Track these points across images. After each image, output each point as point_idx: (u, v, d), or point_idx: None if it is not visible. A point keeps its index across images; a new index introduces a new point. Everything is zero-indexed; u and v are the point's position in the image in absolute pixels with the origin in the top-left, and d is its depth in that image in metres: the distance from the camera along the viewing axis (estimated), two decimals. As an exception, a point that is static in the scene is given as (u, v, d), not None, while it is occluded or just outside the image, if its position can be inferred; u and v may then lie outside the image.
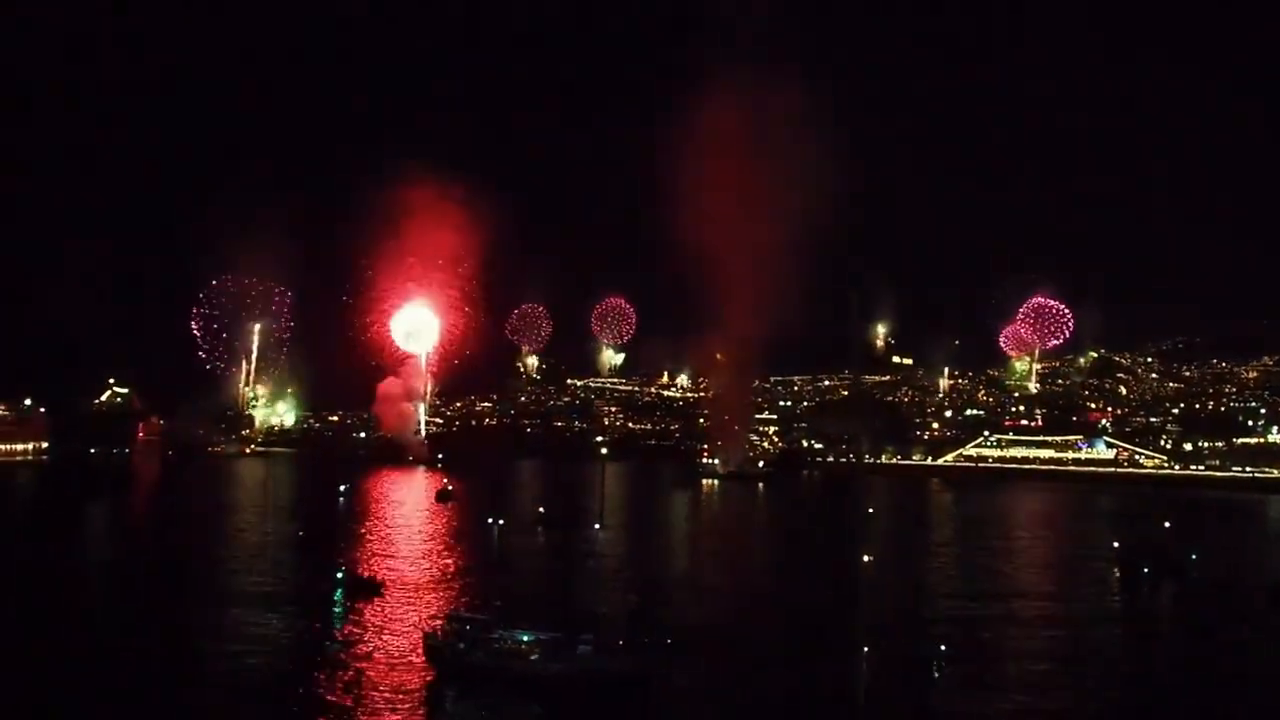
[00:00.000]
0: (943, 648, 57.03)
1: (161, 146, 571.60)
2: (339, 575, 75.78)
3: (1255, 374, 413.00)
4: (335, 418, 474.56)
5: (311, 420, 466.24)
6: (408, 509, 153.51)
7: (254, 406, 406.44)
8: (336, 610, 67.73)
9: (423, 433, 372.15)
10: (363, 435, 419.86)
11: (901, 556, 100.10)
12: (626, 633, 55.89)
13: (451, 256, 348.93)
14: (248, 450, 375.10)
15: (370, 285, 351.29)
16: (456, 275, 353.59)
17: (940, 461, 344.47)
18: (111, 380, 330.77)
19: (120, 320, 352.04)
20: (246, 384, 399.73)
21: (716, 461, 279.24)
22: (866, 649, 53.09)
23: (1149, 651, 63.75)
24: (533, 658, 50.38)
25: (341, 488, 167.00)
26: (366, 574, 76.44)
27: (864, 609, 68.81)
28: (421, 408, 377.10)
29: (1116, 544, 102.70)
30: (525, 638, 51.64)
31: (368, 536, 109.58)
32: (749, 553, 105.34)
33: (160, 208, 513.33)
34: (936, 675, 53.61)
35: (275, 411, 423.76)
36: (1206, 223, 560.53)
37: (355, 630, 61.53)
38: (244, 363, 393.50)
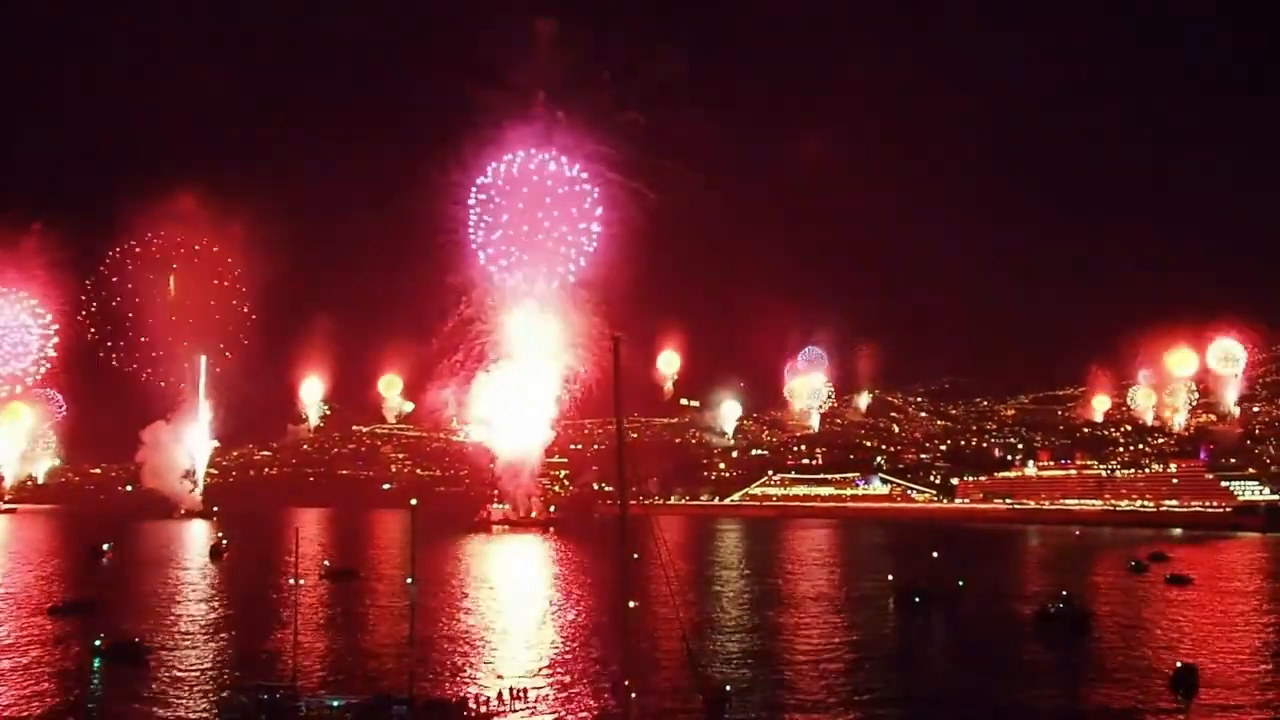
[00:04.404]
0: (728, 688, 57.74)
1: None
2: (97, 643, 69.70)
3: (1013, 411, 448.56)
4: (97, 470, 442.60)
5: (70, 473, 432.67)
6: (177, 567, 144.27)
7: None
8: (95, 683, 62.55)
9: (197, 483, 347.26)
10: (128, 487, 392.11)
11: (681, 596, 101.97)
12: (441, 695, 53.93)
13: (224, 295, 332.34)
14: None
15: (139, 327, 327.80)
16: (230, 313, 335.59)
17: (727, 501, 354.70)
18: None
19: None
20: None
21: (506, 507, 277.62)
22: (635, 694, 53.05)
23: (924, 674, 67.28)
24: None
25: (104, 546, 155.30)
26: (130, 640, 70.92)
27: (635, 652, 69.39)
28: (195, 455, 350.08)
29: (891, 576, 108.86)
30: (334, 703, 49.18)
31: (131, 598, 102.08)
32: (532, 602, 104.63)
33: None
34: (725, 712, 54.35)
35: (27, 464, 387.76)
36: (972, 270, 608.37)
37: (124, 706, 56.66)
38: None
